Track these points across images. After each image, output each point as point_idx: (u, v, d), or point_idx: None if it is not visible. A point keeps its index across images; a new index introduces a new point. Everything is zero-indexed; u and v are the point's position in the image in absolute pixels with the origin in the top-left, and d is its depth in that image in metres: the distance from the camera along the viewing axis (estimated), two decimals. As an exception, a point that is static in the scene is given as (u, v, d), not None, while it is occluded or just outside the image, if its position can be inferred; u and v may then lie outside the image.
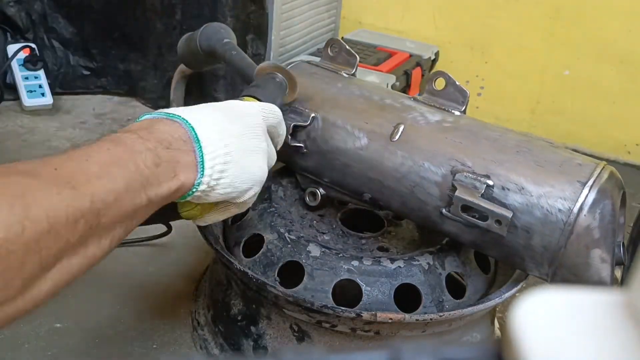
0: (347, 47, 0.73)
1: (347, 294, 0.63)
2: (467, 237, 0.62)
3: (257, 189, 0.55)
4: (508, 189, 0.58)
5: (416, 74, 1.34)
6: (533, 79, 1.44)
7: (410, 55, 1.37)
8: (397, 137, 0.64)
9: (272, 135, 0.60)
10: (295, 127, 0.67)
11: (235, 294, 0.69)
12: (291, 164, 0.73)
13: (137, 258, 0.87)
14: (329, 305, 0.59)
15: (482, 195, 0.58)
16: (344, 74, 0.72)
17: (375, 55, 1.33)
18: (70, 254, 0.40)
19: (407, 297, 0.63)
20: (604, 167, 0.58)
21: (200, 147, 0.49)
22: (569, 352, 0.17)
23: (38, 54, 1.23)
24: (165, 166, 0.46)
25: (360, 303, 0.62)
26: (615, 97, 1.37)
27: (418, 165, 0.62)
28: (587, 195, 0.55)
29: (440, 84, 0.67)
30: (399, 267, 0.64)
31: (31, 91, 1.21)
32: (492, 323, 0.74)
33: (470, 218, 0.59)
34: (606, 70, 1.35)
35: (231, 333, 0.69)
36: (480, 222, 0.58)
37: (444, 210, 0.60)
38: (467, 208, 0.59)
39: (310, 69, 0.73)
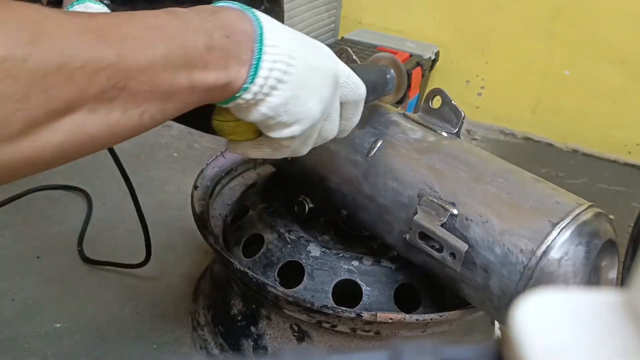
0: (355, 57, 0.71)
1: (347, 294, 0.63)
2: (431, 269, 0.58)
3: (296, 131, 0.47)
4: (471, 220, 0.52)
5: (416, 74, 1.34)
6: (533, 79, 1.44)
7: (411, 55, 1.37)
8: (372, 152, 0.60)
9: (342, 109, 0.52)
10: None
11: (235, 294, 0.69)
12: (280, 171, 0.73)
13: (136, 256, 0.87)
14: (329, 306, 0.59)
15: (444, 224, 0.54)
16: None
17: (375, 55, 1.33)
18: (87, 109, 0.36)
19: (407, 297, 0.63)
20: (586, 209, 0.51)
21: (261, 49, 0.43)
22: (569, 352, 0.17)
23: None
24: (218, 54, 0.41)
25: (361, 303, 0.62)
26: (616, 97, 1.37)
27: (387, 185, 0.59)
28: (556, 237, 0.48)
29: (437, 102, 0.63)
30: (400, 267, 0.64)
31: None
32: (492, 323, 0.74)
33: (427, 247, 0.55)
34: (607, 70, 1.35)
35: (231, 333, 0.69)
36: (435, 253, 0.55)
37: (407, 236, 0.57)
38: (425, 236, 0.55)
39: None
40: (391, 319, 0.58)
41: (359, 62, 0.71)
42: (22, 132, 0.33)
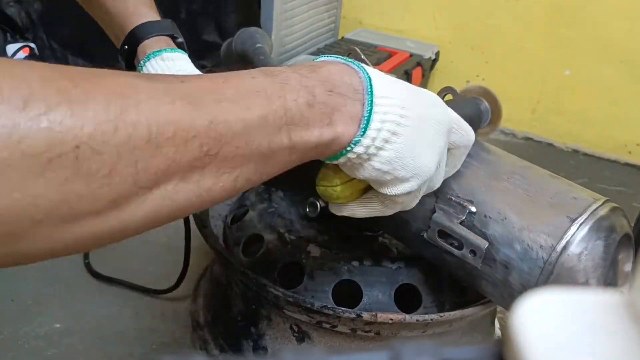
0: (363, 56, 0.71)
1: (348, 294, 0.63)
2: (448, 266, 0.58)
3: (414, 186, 0.44)
4: (490, 217, 0.53)
5: (417, 74, 1.34)
6: (534, 79, 1.44)
7: (411, 55, 1.37)
8: None
9: (450, 155, 0.50)
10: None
11: (235, 294, 0.69)
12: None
13: (137, 258, 0.87)
14: (329, 306, 0.58)
15: (463, 222, 0.54)
16: None
17: (375, 55, 1.33)
18: (177, 179, 0.33)
19: (407, 298, 0.63)
20: (603, 204, 0.51)
21: (372, 100, 0.40)
22: (570, 352, 0.17)
23: (37, 54, 1.23)
24: (320, 108, 0.39)
25: (361, 303, 0.62)
26: (616, 97, 1.37)
27: None
28: (575, 233, 0.49)
29: (448, 99, 0.63)
30: (400, 267, 0.64)
31: (31, 91, 1.21)
32: (493, 323, 0.74)
33: (447, 245, 0.55)
34: (607, 70, 1.35)
35: (231, 333, 0.69)
36: (455, 251, 0.55)
37: (425, 234, 0.57)
38: (444, 234, 0.55)
39: None
40: (391, 319, 0.57)
41: (368, 62, 0.71)
42: (108, 208, 0.31)
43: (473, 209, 0.54)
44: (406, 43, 1.43)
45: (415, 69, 1.33)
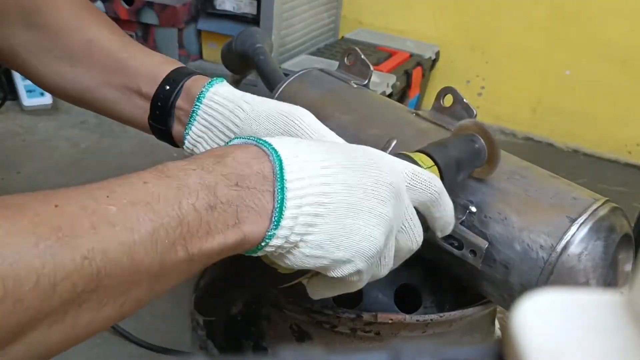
0: (363, 56, 0.70)
1: (348, 294, 0.63)
2: (448, 266, 0.58)
3: (358, 266, 0.39)
4: (490, 217, 0.53)
5: (417, 74, 1.34)
6: (534, 79, 1.44)
7: (411, 55, 1.37)
8: (387, 152, 0.60)
9: (424, 214, 0.46)
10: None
11: (236, 294, 0.69)
12: None
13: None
14: (329, 306, 0.58)
15: (463, 222, 0.54)
16: (353, 84, 0.70)
17: (375, 55, 1.33)
18: (47, 324, 0.30)
19: (407, 298, 0.63)
20: (603, 204, 0.51)
21: (284, 187, 0.36)
22: (570, 352, 0.17)
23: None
24: (223, 209, 0.34)
25: (361, 304, 0.62)
26: (616, 97, 1.37)
27: None
28: (575, 233, 0.49)
29: (448, 100, 0.62)
30: (400, 267, 0.63)
31: (30, 91, 1.21)
32: (493, 323, 0.74)
33: (447, 245, 0.55)
34: (607, 70, 1.35)
35: (231, 333, 0.69)
36: (455, 251, 0.55)
37: (425, 234, 0.58)
38: None
39: (318, 75, 0.72)
40: (391, 319, 0.57)
41: (368, 62, 0.70)
42: None
43: (473, 209, 0.54)
44: (406, 43, 1.43)
45: (415, 69, 1.33)
